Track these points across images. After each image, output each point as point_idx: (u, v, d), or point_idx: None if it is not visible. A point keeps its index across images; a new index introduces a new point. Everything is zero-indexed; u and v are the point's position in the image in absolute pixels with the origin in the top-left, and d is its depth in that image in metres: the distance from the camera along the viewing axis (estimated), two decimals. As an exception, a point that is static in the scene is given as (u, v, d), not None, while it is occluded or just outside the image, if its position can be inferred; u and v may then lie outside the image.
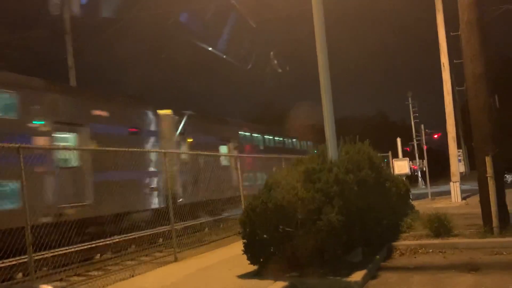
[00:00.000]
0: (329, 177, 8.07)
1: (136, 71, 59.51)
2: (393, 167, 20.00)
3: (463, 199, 18.91)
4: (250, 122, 35.25)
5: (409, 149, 36.28)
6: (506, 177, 26.11)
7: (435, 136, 39.03)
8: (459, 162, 21.50)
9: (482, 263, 7.96)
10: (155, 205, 16.00)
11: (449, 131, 20.02)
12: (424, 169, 27.78)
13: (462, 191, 19.35)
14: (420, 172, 37.80)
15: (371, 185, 9.25)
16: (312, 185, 7.94)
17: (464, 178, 28.52)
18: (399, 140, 25.18)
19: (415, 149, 34.84)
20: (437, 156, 38.29)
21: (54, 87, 13.66)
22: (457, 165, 19.90)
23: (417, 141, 33.68)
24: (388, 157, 22.10)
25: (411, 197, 14.60)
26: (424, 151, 26.17)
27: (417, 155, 34.51)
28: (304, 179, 8.14)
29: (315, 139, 34.55)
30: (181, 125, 18.55)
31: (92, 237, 12.02)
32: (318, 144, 12.63)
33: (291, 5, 24.43)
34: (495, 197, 9.80)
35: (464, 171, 39.07)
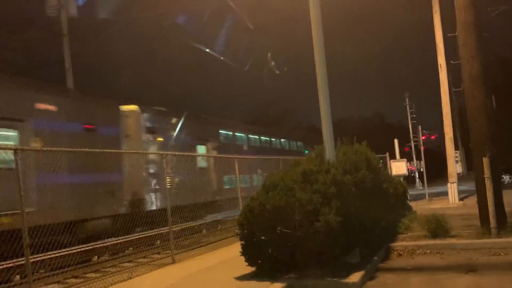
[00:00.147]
0: (326, 178, 8.05)
1: (133, 73, 59.51)
2: (391, 167, 20.02)
3: (461, 200, 18.92)
4: (245, 123, 35.09)
5: (407, 149, 36.35)
6: (503, 178, 26.25)
7: (432, 137, 39.10)
8: (457, 163, 21.56)
9: (479, 264, 7.96)
10: (115, 212, 14.53)
11: (446, 132, 20.03)
12: (421, 170, 27.82)
13: (459, 192, 19.34)
14: (417, 173, 37.87)
15: (369, 186, 9.25)
16: (309, 186, 7.94)
17: (461, 179, 28.61)
18: (396, 141, 25.23)
19: (413, 150, 34.91)
20: (434, 157, 38.35)
21: None
22: (454, 166, 19.93)
23: (415, 142, 33.75)
24: (385, 158, 22.09)
25: (408, 198, 14.60)
26: (421, 152, 26.21)
27: (414, 156, 34.58)
28: (301, 180, 8.14)
29: (306, 139, 34.31)
30: (150, 123, 17.21)
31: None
32: (309, 144, 12.48)
33: (289, 7, 24.47)
34: (492, 198, 9.80)
35: (461, 172, 39.25)
